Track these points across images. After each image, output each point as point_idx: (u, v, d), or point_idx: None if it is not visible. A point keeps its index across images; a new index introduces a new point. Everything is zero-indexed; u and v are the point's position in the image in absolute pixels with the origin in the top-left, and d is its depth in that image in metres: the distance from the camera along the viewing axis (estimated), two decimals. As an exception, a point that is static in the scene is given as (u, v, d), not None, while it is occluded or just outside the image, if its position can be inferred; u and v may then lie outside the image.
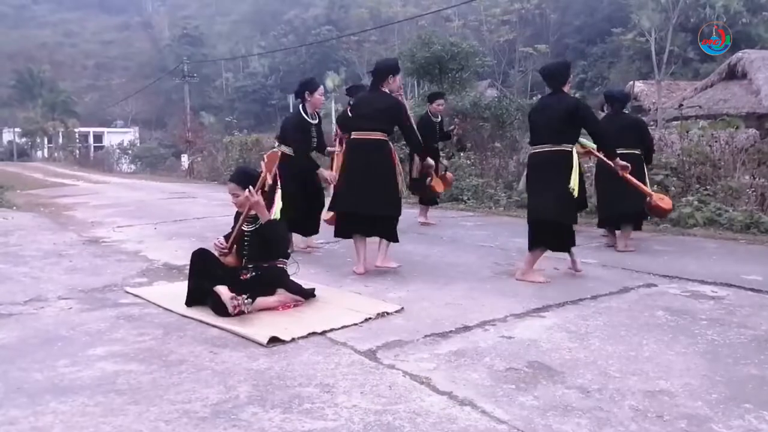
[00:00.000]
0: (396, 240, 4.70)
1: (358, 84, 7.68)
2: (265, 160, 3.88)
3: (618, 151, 4.82)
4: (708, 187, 8.02)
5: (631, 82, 24.57)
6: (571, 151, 4.28)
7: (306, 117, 5.43)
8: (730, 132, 9.20)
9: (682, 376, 2.62)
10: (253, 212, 3.74)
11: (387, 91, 4.71)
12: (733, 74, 22.79)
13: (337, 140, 5.60)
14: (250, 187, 3.67)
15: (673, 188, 7.89)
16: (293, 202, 4.44)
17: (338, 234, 4.77)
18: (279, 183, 3.93)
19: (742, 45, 28.49)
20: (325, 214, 5.47)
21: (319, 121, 5.63)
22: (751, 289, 4.10)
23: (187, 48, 57.47)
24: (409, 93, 31.97)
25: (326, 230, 6.43)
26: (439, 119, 7.47)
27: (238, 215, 3.92)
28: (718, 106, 20.79)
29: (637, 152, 5.55)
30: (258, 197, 3.66)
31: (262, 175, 3.75)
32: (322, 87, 5.70)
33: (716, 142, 8.84)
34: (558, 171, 4.24)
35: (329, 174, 5.17)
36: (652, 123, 14.99)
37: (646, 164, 5.83)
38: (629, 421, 2.21)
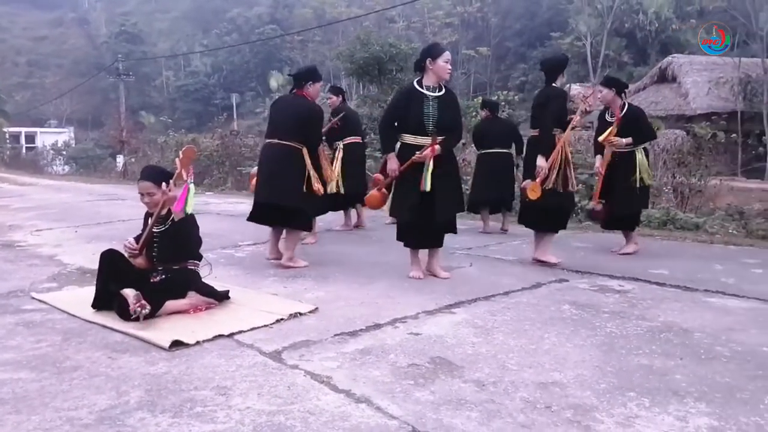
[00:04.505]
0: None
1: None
2: (181, 156, 3.78)
3: (493, 151, 6.77)
4: (629, 185, 8.31)
5: (568, 85, 25.29)
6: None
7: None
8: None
9: (576, 367, 2.71)
10: (164, 212, 3.65)
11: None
12: (664, 78, 23.83)
13: None
14: (170, 181, 3.59)
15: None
16: None
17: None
18: (191, 180, 3.85)
19: (672, 50, 29.80)
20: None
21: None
22: (656, 283, 4.28)
23: (125, 45, 55.53)
24: (354, 93, 32.00)
25: (254, 231, 6.35)
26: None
27: (147, 216, 3.83)
28: (650, 108, 21.70)
29: (509, 151, 6.81)
30: (175, 192, 3.58)
31: (177, 171, 3.66)
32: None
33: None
34: None
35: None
36: (588, 124, 15.52)
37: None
38: (518, 412, 2.27)
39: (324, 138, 5.88)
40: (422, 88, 4.27)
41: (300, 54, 44.48)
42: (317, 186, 4.79)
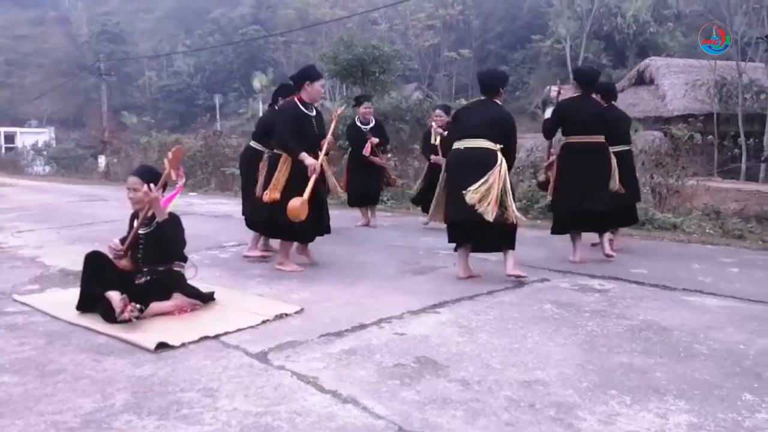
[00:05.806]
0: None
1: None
2: (170, 156, 3.77)
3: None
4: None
5: (548, 87, 25.51)
6: None
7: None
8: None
9: (558, 365, 2.75)
10: (150, 213, 3.65)
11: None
12: (642, 80, 24.17)
13: None
14: (151, 184, 3.57)
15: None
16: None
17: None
18: (183, 180, 3.85)
19: (650, 52, 30.23)
20: None
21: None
22: (636, 282, 4.35)
23: (107, 45, 54.83)
24: (337, 95, 31.98)
25: (239, 232, 6.36)
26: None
27: (133, 218, 3.82)
28: (628, 110, 22.00)
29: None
30: (157, 194, 3.58)
31: (165, 172, 3.65)
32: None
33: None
34: None
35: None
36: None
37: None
38: (502, 410, 2.30)
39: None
40: None
41: (283, 55, 44.36)
42: (266, 193, 4.64)
